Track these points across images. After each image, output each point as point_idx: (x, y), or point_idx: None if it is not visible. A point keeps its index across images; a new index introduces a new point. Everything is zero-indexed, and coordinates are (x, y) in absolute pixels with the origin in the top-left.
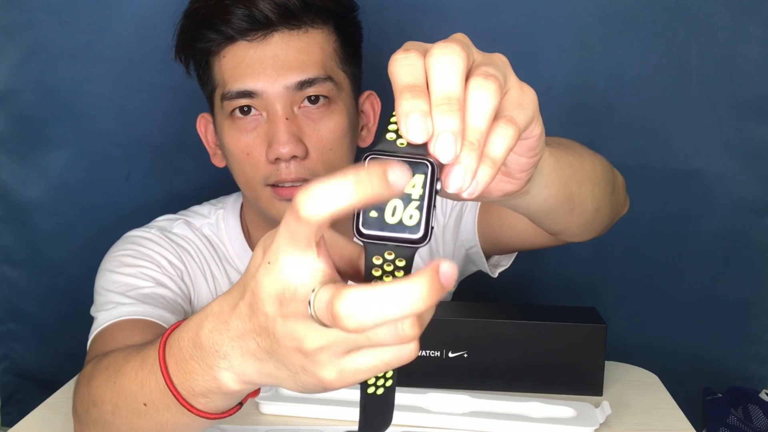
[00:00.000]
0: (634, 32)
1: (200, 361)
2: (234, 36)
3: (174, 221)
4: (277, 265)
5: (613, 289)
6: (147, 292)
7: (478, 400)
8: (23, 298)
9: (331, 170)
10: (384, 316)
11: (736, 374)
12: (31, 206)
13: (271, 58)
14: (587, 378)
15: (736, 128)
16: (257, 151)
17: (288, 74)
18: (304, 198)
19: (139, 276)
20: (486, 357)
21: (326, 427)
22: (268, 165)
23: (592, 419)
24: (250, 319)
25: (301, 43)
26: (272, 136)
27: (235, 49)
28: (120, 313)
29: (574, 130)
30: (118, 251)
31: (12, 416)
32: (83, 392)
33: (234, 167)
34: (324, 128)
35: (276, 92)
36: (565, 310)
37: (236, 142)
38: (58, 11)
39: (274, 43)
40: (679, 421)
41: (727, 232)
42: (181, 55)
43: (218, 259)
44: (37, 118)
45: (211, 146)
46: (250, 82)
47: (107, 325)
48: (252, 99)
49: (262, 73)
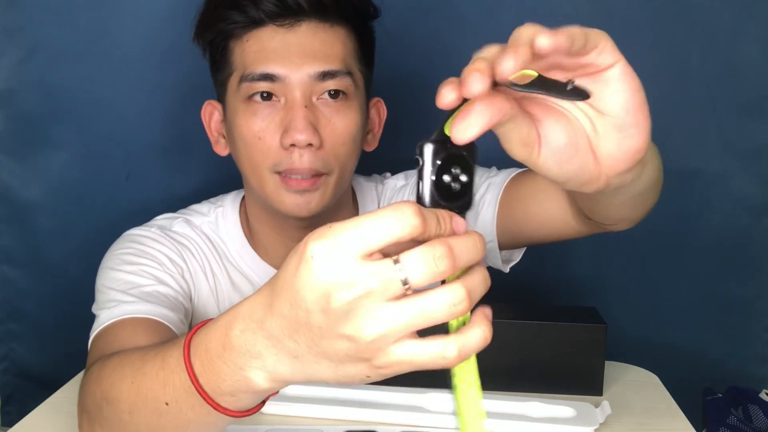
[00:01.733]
0: (634, 32)
1: (230, 361)
2: (263, 19)
3: (174, 219)
4: (319, 260)
5: (613, 289)
6: (149, 290)
7: None
8: (23, 298)
9: (341, 166)
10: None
11: (736, 374)
12: (31, 206)
13: (297, 46)
14: (587, 378)
15: (736, 128)
16: (270, 137)
17: (312, 63)
18: None
19: (141, 274)
20: (486, 357)
21: (326, 427)
22: (280, 151)
23: (592, 419)
24: (288, 317)
25: (326, 36)
26: (289, 122)
27: (260, 33)
28: (122, 311)
29: None
30: (119, 249)
31: (12, 416)
32: (94, 390)
33: (242, 152)
34: (339, 122)
35: (298, 79)
36: (565, 310)
37: (250, 126)
38: (58, 11)
39: (302, 32)
40: (679, 421)
41: (727, 232)
42: (201, 36)
43: (218, 257)
44: (37, 118)
45: (214, 134)
46: (273, 66)
47: (109, 324)
48: (273, 83)
49: (286, 59)
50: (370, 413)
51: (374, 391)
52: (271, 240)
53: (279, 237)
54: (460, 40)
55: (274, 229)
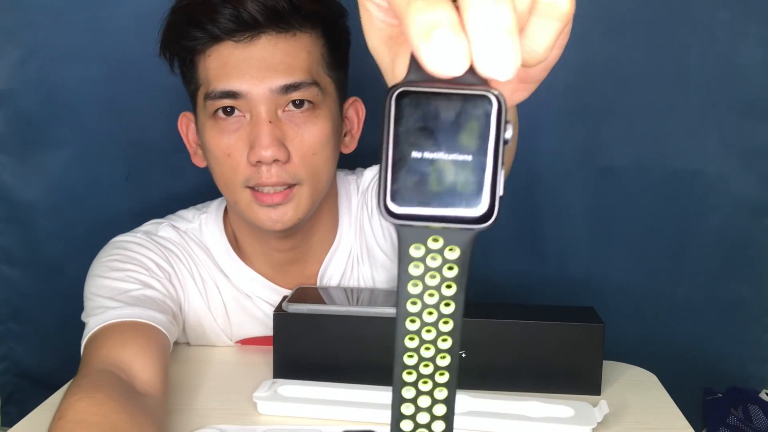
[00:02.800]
0: (634, 32)
1: None
2: (220, 36)
3: (159, 225)
4: None
5: (613, 289)
6: (136, 295)
7: (477, 400)
8: (23, 298)
9: (314, 175)
10: None
11: (736, 374)
12: (31, 206)
13: (257, 60)
14: (585, 377)
15: (736, 128)
16: (238, 153)
17: (274, 77)
18: None
19: (127, 279)
20: (484, 356)
21: (325, 427)
22: (249, 167)
23: (590, 418)
24: None
25: (288, 46)
26: (254, 139)
27: (220, 48)
28: (109, 316)
29: (574, 130)
30: (105, 257)
31: (12, 416)
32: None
33: (214, 168)
34: (307, 133)
35: (260, 94)
36: (563, 310)
37: (217, 143)
38: (58, 11)
39: (261, 45)
40: (677, 420)
41: (727, 232)
42: (166, 51)
43: (205, 261)
44: (37, 118)
45: (192, 146)
46: (234, 83)
47: (98, 329)
48: (236, 100)
49: (247, 74)
50: (369, 413)
51: (373, 391)
52: (252, 249)
53: (259, 246)
54: None
55: (254, 238)
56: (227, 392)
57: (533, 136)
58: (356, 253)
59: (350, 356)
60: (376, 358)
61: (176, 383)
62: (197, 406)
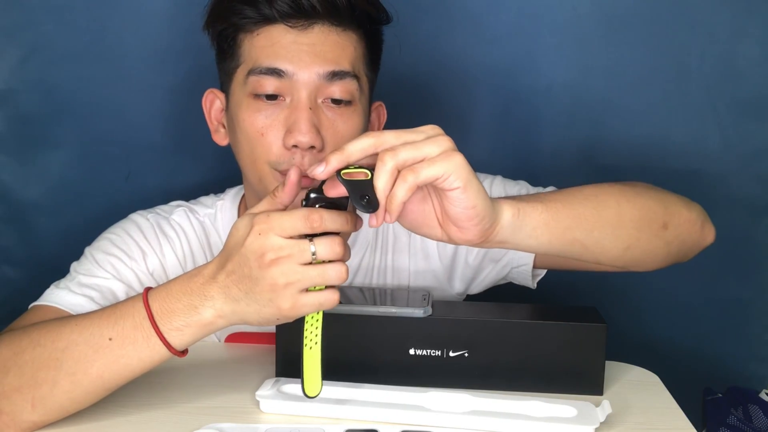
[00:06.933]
0: (634, 32)
1: (187, 303)
2: (275, 18)
3: (176, 208)
4: (264, 233)
5: (614, 289)
6: (97, 282)
7: (479, 399)
8: (23, 298)
9: None
10: None
11: (736, 374)
12: (31, 206)
13: (308, 46)
14: (588, 377)
15: (736, 128)
16: (272, 134)
17: (322, 63)
18: None
19: (104, 265)
20: (487, 356)
21: (327, 426)
22: (283, 150)
23: (593, 418)
24: (236, 272)
25: (338, 39)
26: (293, 123)
27: (272, 30)
28: (54, 298)
29: (574, 130)
30: (111, 233)
31: None
32: (20, 337)
33: (243, 145)
34: (342, 125)
35: (306, 78)
36: (566, 310)
37: (252, 121)
38: (58, 11)
39: (313, 33)
40: (680, 421)
41: (727, 232)
42: (211, 26)
43: (207, 247)
44: (37, 118)
45: (213, 123)
46: (282, 62)
47: (41, 303)
48: (280, 79)
49: (296, 57)
50: (371, 412)
51: (375, 390)
52: None
53: None
54: (461, 40)
55: None
56: (230, 390)
57: (533, 135)
58: (372, 243)
59: (354, 355)
60: (379, 357)
61: (178, 381)
62: (200, 404)
